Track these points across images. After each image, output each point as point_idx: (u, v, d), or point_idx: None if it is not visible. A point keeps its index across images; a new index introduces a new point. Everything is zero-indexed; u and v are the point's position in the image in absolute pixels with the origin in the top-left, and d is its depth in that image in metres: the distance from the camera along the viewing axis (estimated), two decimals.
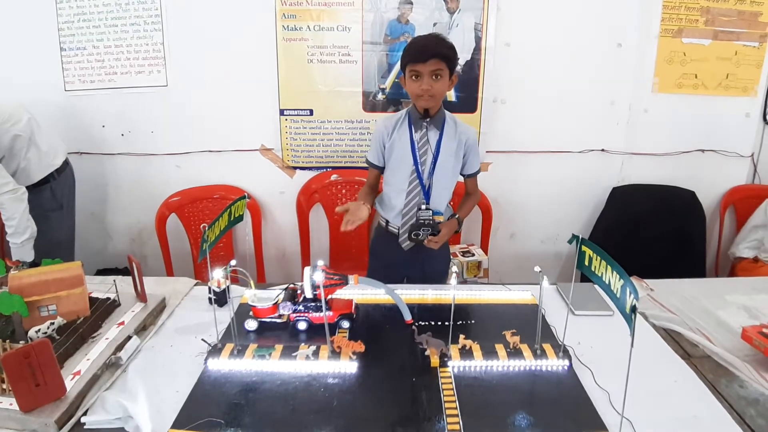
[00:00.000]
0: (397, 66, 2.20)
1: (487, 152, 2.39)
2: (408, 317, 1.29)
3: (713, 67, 2.33)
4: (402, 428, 0.94)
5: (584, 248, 1.03)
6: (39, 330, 1.13)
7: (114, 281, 1.37)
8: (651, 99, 2.35)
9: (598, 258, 0.97)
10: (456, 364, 1.12)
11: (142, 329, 1.27)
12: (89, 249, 2.46)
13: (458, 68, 2.23)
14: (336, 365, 1.10)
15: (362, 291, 1.41)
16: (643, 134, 2.40)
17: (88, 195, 2.39)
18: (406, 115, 1.61)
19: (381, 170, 1.68)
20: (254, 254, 2.45)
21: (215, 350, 1.14)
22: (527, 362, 1.12)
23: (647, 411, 0.98)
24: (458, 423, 0.95)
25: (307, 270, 1.21)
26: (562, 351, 1.15)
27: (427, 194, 1.59)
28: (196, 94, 2.29)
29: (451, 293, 1.17)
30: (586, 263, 1.02)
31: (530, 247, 2.58)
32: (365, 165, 1.72)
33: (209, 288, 1.36)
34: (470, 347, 1.16)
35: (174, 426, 0.93)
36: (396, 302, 1.30)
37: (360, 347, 1.14)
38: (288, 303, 1.26)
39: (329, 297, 1.25)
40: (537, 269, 1.10)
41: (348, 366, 1.10)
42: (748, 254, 2.32)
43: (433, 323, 1.29)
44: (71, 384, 1.00)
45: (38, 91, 2.24)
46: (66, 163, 2.14)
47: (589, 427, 0.95)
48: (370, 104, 2.30)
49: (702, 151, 2.45)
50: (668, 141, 2.42)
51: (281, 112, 2.31)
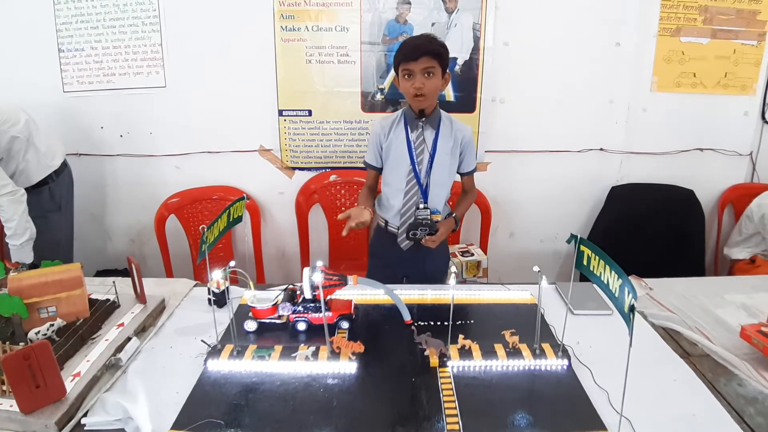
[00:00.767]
0: None
1: (486, 152, 2.39)
2: (407, 317, 1.29)
3: (712, 66, 2.33)
4: (402, 428, 0.95)
5: (583, 248, 1.03)
6: (39, 332, 1.13)
7: (113, 282, 1.37)
8: (649, 98, 2.36)
9: (597, 258, 0.98)
10: (455, 364, 1.12)
11: (142, 330, 1.27)
12: (89, 250, 2.46)
13: (456, 68, 2.23)
14: (335, 366, 1.11)
15: (361, 291, 1.41)
16: (642, 133, 2.40)
17: (88, 196, 2.40)
18: (402, 115, 1.61)
19: (379, 171, 1.69)
20: (253, 255, 2.45)
21: (215, 351, 1.14)
22: (526, 362, 1.12)
23: (646, 410, 0.98)
24: (458, 423, 0.95)
25: (307, 271, 1.22)
26: (561, 350, 1.15)
27: (425, 193, 1.59)
28: (195, 95, 2.29)
29: (450, 293, 1.17)
30: (585, 263, 1.02)
31: (529, 247, 2.59)
32: (364, 165, 1.72)
33: (209, 289, 1.36)
34: (469, 347, 1.16)
35: (174, 427, 0.94)
36: (395, 302, 1.30)
37: (359, 348, 1.14)
38: (287, 304, 1.26)
39: (328, 297, 1.26)
40: (536, 269, 1.10)
41: (347, 366, 1.11)
42: (744, 256, 2.33)
43: (433, 323, 1.30)
44: (71, 385, 1.00)
45: (36, 93, 2.24)
46: (64, 165, 2.14)
47: (589, 427, 0.95)
48: (369, 104, 2.30)
49: (701, 150, 2.45)
50: (667, 140, 2.42)
51: (280, 113, 2.31)
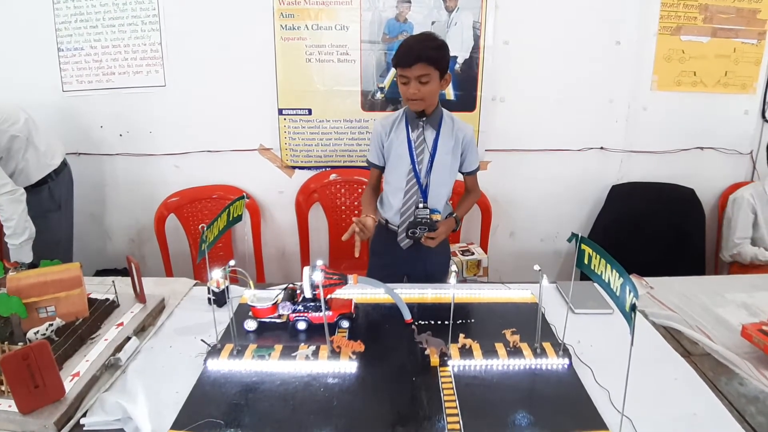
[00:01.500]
0: None
1: (486, 151, 2.39)
2: (407, 316, 1.29)
3: (712, 65, 2.33)
4: (402, 428, 0.94)
5: (584, 246, 1.03)
6: (38, 331, 1.13)
7: (113, 282, 1.36)
8: (650, 97, 2.35)
9: (598, 256, 0.97)
10: (456, 364, 1.12)
11: (141, 330, 1.27)
12: (88, 250, 2.46)
13: (457, 66, 2.23)
14: (336, 365, 1.10)
15: (362, 290, 1.41)
16: (642, 132, 2.40)
17: (87, 196, 2.39)
18: (403, 115, 1.60)
19: (382, 170, 1.68)
20: (253, 254, 2.44)
21: (215, 351, 1.14)
22: (527, 361, 1.12)
23: (647, 409, 0.98)
24: (458, 422, 0.95)
25: (307, 270, 1.21)
26: (562, 349, 1.15)
27: (425, 193, 1.59)
28: (195, 94, 2.29)
29: (451, 292, 1.17)
30: (586, 262, 1.02)
31: (530, 246, 2.58)
32: (364, 164, 1.72)
33: (208, 288, 1.36)
34: (470, 346, 1.16)
35: (173, 427, 0.93)
36: (395, 302, 1.30)
37: (360, 347, 1.14)
38: (287, 303, 1.26)
39: (329, 297, 1.25)
40: (536, 268, 1.10)
41: (348, 366, 1.10)
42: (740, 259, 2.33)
43: (433, 322, 1.29)
44: (70, 385, 1.00)
45: (36, 92, 2.23)
46: (64, 164, 2.14)
47: (590, 426, 0.94)
48: (369, 103, 2.30)
49: (701, 149, 2.45)
50: (667, 139, 2.42)
51: (280, 112, 2.31)
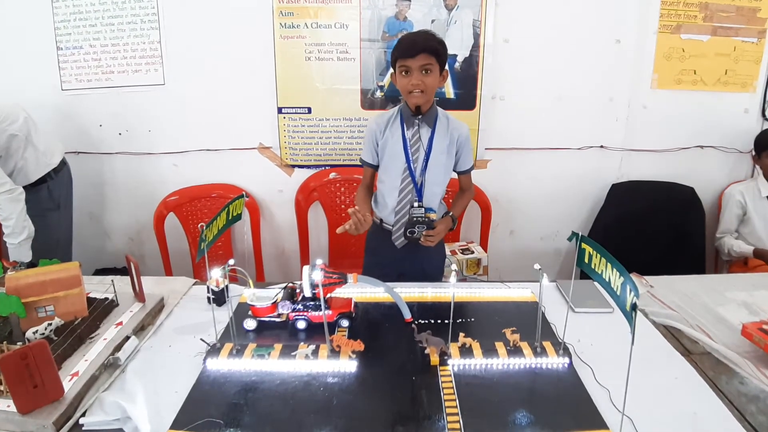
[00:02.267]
0: None
1: (486, 149, 2.38)
2: (407, 315, 1.28)
3: (712, 63, 2.33)
4: (402, 427, 0.94)
5: (584, 245, 1.03)
6: (36, 331, 1.13)
7: (112, 281, 1.36)
8: (650, 95, 2.35)
9: (598, 255, 0.97)
10: (456, 363, 1.11)
11: (141, 329, 1.26)
12: (87, 249, 2.45)
13: (456, 65, 2.22)
14: (335, 364, 1.10)
15: (361, 289, 1.41)
16: (642, 131, 2.39)
17: (86, 195, 2.39)
18: (398, 113, 1.60)
19: (376, 168, 1.67)
20: (253, 253, 2.44)
21: (214, 350, 1.14)
22: (527, 360, 1.12)
23: (648, 408, 0.98)
24: (458, 421, 0.95)
25: (306, 269, 1.21)
26: (562, 348, 1.14)
27: (420, 192, 1.58)
28: (194, 93, 2.28)
29: (451, 291, 1.17)
30: (586, 261, 1.02)
31: (530, 245, 2.58)
32: (360, 163, 1.70)
33: (208, 287, 1.36)
34: (470, 345, 1.16)
35: (173, 427, 0.93)
36: (395, 301, 1.30)
37: (359, 346, 1.13)
38: (287, 302, 1.26)
39: (328, 296, 1.25)
40: (537, 267, 1.10)
41: (347, 365, 1.10)
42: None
43: (433, 321, 1.29)
44: (69, 385, 1.00)
45: (35, 91, 2.23)
46: (63, 163, 2.13)
47: (590, 425, 0.94)
48: (369, 102, 2.29)
49: (701, 148, 2.45)
50: (667, 137, 2.42)
51: (279, 110, 2.30)
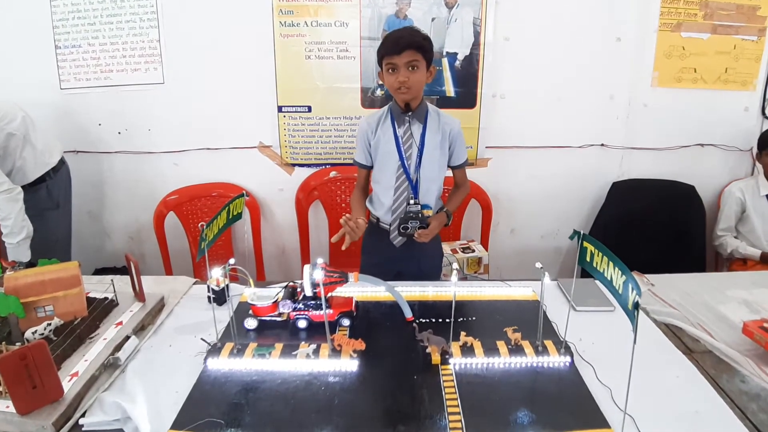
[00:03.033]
0: None
1: (487, 148, 2.38)
2: (408, 314, 1.28)
3: (712, 61, 2.32)
4: (403, 426, 0.94)
5: (586, 244, 1.02)
6: (36, 331, 1.12)
7: (112, 281, 1.36)
8: (650, 93, 2.35)
9: (600, 254, 0.97)
10: (457, 362, 1.11)
11: (141, 329, 1.26)
12: (87, 248, 2.45)
13: (457, 63, 2.22)
14: (336, 363, 1.10)
15: (362, 288, 1.41)
16: (643, 129, 2.39)
17: (85, 194, 2.38)
18: (388, 111, 1.59)
19: (370, 169, 1.67)
20: (253, 252, 2.44)
21: (215, 349, 1.13)
22: (529, 359, 1.12)
23: (649, 407, 0.98)
24: (460, 420, 0.94)
25: (307, 268, 1.20)
26: (564, 347, 1.14)
27: (415, 189, 1.58)
28: (193, 92, 2.28)
29: (452, 290, 1.17)
30: (588, 259, 1.02)
31: (530, 243, 2.58)
32: (354, 164, 1.70)
33: (208, 287, 1.35)
34: (471, 344, 1.16)
35: (173, 427, 0.93)
36: (396, 299, 1.29)
37: (360, 345, 1.13)
38: (288, 301, 1.25)
39: (329, 295, 1.25)
40: (538, 265, 1.10)
41: (349, 364, 1.10)
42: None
43: (434, 320, 1.29)
44: (69, 385, 0.99)
45: (33, 90, 2.22)
46: (62, 162, 2.13)
47: (592, 424, 0.94)
48: (369, 100, 2.29)
49: (701, 146, 2.45)
50: (668, 135, 2.42)
51: (279, 109, 2.30)
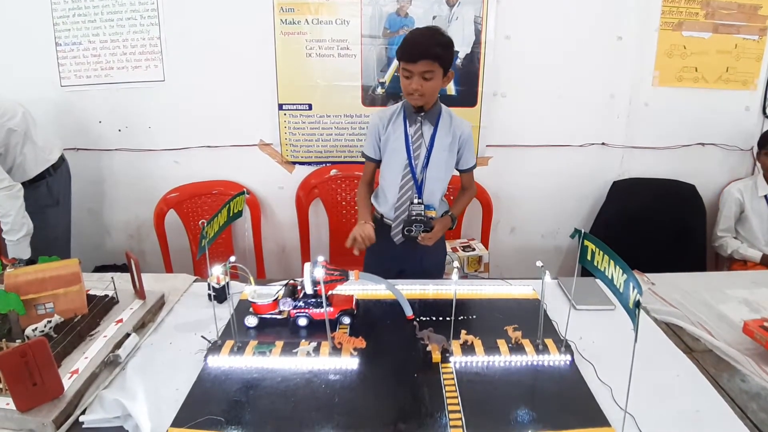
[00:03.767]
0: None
1: (488, 146, 2.38)
2: (409, 313, 1.29)
3: (713, 61, 2.32)
4: (404, 424, 0.94)
5: (586, 243, 1.02)
6: (36, 328, 1.12)
7: (112, 278, 1.36)
8: (651, 92, 2.35)
9: (601, 253, 0.97)
10: (458, 360, 1.11)
11: (141, 327, 1.26)
12: (87, 246, 2.45)
13: (458, 61, 2.22)
14: (337, 361, 1.10)
15: (363, 287, 1.41)
16: (644, 128, 2.39)
17: (86, 191, 2.38)
18: (402, 108, 1.59)
19: (378, 163, 1.67)
20: (254, 250, 2.43)
21: (215, 347, 1.13)
22: (529, 357, 1.12)
23: (649, 406, 0.98)
24: (460, 418, 0.94)
25: (308, 266, 1.21)
26: (564, 346, 1.14)
27: (420, 189, 1.58)
28: (194, 89, 2.27)
29: (452, 288, 1.17)
30: (589, 258, 1.02)
31: (531, 242, 2.58)
32: (362, 157, 1.70)
33: (208, 284, 1.36)
34: (472, 342, 1.16)
35: (173, 424, 0.93)
36: (397, 298, 1.30)
37: (361, 343, 1.13)
38: (288, 299, 1.26)
39: (330, 293, 1.25)
40: (539, 264, 1.09)
41: (349, 362, 1.10)
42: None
43: (435, 319, 1.29)
44: (69, 383, 0.99)
45: (34, 87, 2.22)
46: (62, 159, 2.12)
47: (592, 423, 0.94)
48: (369, 98, 2.29)
49: (702, 145, 2.45)
50: (668, 134, 2.41)
51: (280, 107, 2.29)
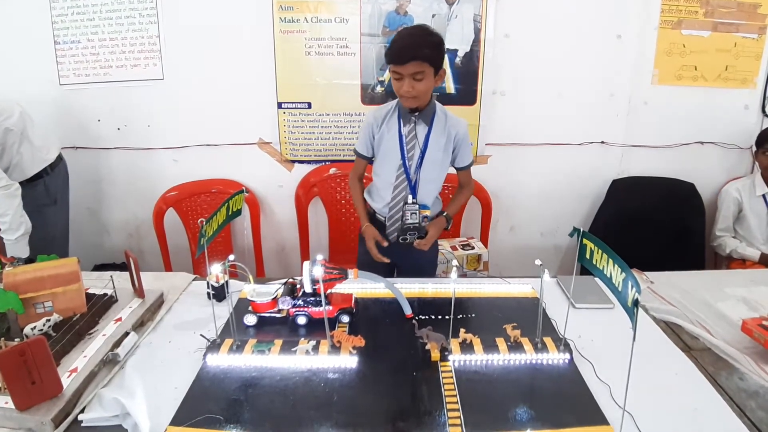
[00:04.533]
0: None
1: (487, 145, 2.38)
2: (408, 311, 1.29)
3: (713, 59, 2.32)
4: (403, 422, 0.94)
5: (585, 241, 1.02)
6: (35, 327, 1.12)
7: (111, 277, 1.35)
8: (650, 91, 2.35)
9: (600, 251, 0.97)
10: (456, 358, 1.11)
11: (140, 325, 1.26)
12: (86, 244, 2.45)
13: (457, 60, 2.21)
14: (336, 360, 1.10)
15: (362, 285, 1.41)
16: (643, 126, 2.39)
17: (84, 190, 2.38)
18: (397, 107, 1.58)
19: (369, 161, 1.67)
20: (253, 249, 2.44)
21: (214, 346, 1.13)
22: (528, 356, 1.12)
23: (648, 404, 0.98)
24: (459, 417, 0.95)
25: (307, 264, 1.20)
26: (563, 344, 1.14)
27: (414, 188, 1.58)
28: (193, 88, 2.27)
29: (452, 287, 1.17)
30: (588, 256, 1.02)
31: (530, 240, 2.58)
32: (354, 154, 1.69)
33: (208, 283, 1.35)
34: (471, 341, 1.16)
35: (172, 423, 0.93)
36: (396, 296, 1.29)
37: (360, 342, 1.13)
38: (287, 298, 1.25)
39: (329, 291, 1.25)
40: (538, 263, 1.09)
41: (348, 361, 1.10)
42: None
43: (434, 317, 1.29)
44: (68, 381, 0.99)
45: (32, 86, 2.22)
46: (60, 158, 2.12)
47: (591, 421, 0.94)
48: (369, 97, 2.28)
49: (701, 144, 2.45)
50: (668, 133, 2.41)
51: (279, 105, 2.29)
